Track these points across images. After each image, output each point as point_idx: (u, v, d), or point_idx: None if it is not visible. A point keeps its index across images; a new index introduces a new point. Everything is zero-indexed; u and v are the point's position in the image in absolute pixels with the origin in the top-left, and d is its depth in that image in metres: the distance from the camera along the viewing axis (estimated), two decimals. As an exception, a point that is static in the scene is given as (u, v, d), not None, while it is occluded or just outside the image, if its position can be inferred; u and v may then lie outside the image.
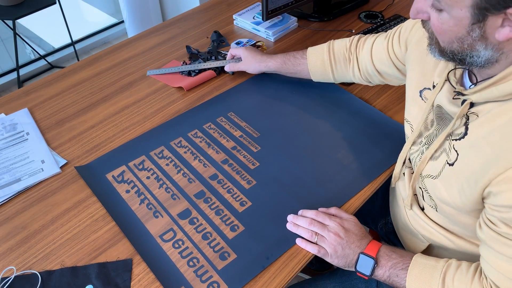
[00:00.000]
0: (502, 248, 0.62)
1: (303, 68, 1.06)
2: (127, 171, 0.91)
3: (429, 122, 0.77)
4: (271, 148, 0.96)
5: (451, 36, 0.60)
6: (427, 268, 0.71)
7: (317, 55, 1.03)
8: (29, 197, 0.86)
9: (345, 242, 0.76)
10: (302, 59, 1.06)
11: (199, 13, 1.47)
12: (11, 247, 0.78)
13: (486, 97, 0.62)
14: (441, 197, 0.71)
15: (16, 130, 1.00)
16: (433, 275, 0.70)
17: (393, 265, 0.74)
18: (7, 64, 2.53)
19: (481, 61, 0.60)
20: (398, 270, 0.73)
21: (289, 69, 1.08)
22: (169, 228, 0.80)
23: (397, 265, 0.73)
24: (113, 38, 2.84)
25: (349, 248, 0.76)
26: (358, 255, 0.75)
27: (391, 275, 0.74)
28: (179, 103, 1.09)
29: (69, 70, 1.20)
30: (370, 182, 0.89)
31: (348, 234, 0.77)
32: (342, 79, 1.05)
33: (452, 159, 0.68)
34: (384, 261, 0.74)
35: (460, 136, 0.67)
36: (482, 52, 0.59)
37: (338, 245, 0.76)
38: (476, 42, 0.58)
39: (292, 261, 0.76)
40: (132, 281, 0.73)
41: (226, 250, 0.77)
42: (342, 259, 0.76)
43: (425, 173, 0.75)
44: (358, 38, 1.01)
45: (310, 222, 0.79)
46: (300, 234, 0.79)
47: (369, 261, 0.74)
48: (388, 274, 0.74)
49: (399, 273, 0.73)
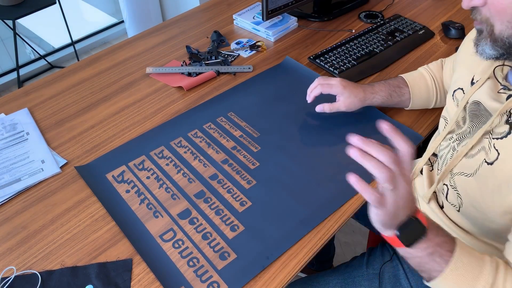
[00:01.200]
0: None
1: (407, 97, 0.99)
2: (127, 171, 0.91)
3: (460, 120, 0.75)
4: (271, 148, 0.96)
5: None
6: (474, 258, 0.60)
7: (420, 82, 0.98)
8: (29, 197, 0.86)
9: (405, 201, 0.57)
10: (406, 88, 0.98)
11: (199, 13, 1.47)
12: (11, 247, 0.78)
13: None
14: (473, 195, 0.68)
15: (16, 130, 1.00)
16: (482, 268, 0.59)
17: (440, 243, 0.59)
18: (7, 64, 2.53)
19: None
20: (445, 251, 0.59)
21: (393, 101, 0.99)
22: (169, 228, 0.80)
23: (444, 245, 0.59)
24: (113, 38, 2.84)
25: (404, 206, 0.58)
26: (408, 218, 0.58)
27: (435, 253, 0.59)
28: (179, 103, 1.09)
29: (69, 70, 1.20)
30: (370, 182, 0.89)
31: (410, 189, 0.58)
32: (441, 105, 0.99)
33: (492, 158, 0.65)
34: (432, 235, 0.59)
35: (503, 135, 0.64)
36: None
37: (401, 199, 0.56)
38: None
39: (292, 261, 0.76)
40: (132, 281, 0.73)
41: (226, 250, 0.77)
42: (394, 218, 0.58)
43: (458, 170, 0.72)
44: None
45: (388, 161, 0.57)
46: (371, 171, 0.58)
47: (419, 228, 0.58)
48: (431, 250, 0.59)
49: (444, 254, 0.59)
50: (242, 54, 1.26)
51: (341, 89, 0.95)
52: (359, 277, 0.90)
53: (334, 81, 0.97)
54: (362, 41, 1.26)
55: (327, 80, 0.98)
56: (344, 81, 0.97)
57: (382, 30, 1.31)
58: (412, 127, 1.00)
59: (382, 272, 0.89)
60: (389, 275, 0.88)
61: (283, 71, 1.18)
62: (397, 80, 1.00)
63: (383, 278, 0.88)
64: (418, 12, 1.43)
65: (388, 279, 0.88)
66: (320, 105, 0.99)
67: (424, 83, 0.99)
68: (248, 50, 1.27)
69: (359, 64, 1.18)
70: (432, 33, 1.31)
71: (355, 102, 0.96)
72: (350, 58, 1.19)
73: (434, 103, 1.00)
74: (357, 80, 1.14)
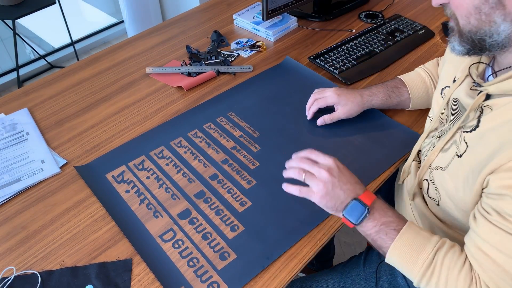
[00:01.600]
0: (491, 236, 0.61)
1: (406, 97, 0.98)
2: (127, 171, 0.91)
3: (444, 118, 0.77)
4: (271, 148, 0.96)
5: (469, 6, 0.59)
6: (420, 237, 0.67)
7: (418, 81, 0.98)
8: (29, 197, 0.86)
9: (337, 181, 0.69)
10: (404, 87, 0.98)
11: (199, 13, 1.47)
12: (11, 247, 0.78)
13: (503, 89, 0.61)
14: (447, 188, 0.71)
15: (16, 130, 1.00)
16: (423, 247, 0.66)
17: (387, 222, 0.68)
18: (7, 64, 2.53)
19: (501, 38, 0.59)
20: (390, 229, 0.67)
21: (392, 102, 0.98)
22: (169, 228, 0.80)
23: (390, 224, 0.68)
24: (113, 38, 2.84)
25: (341, 188, 0.69)
26: (351, 200, 0.69)
27: (380, 231, 0.68)
28: (179, 103, 1.09)
29: (69, 70, 1.20)
30: (370, 182, 0.89)
31: (342, 174, 0.70)
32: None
33: (462, 150, 0.67)
34: (378, 215, 0.68)
35: (471, 129, 0.66)
36: (502, 26, 0.58)
37: (328, 182, 0.69)
38: (494, 10, 0.57)
39: (292, 261, 0.76)
40: (132, 281, 0.73)
41: (226, 250, 0.77)
42: (331, 200, 0.69)
43: (435, 164, 0.74)
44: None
45: (300, 159, 0.73)
46: (288, 176, 0.73)
47: (361, 208, 0.68)
48: (377, 229, 0.68)
49: (390, 232, 0.67)
50: (242, 54, 1.26)
51: (336, 98, 0.96)
52: (356, 276, 0.91)
53: (328, 92, 0.97)
54: (362, 41, 1.26)
55: (321, 93, 0.99)
56: (339, 89, 0.98)
57: (382, 30, 1.31)
58: (412, 127, 1.00)
59: (379, 270, 0.90)
60: (386, 273, 0.89)
61: (283, 71, 1.18)
62: (394, 81, 1.00)
63: (380, 276, 0.89)
64: (418, 12, 1.43)
65: (384, 277, 0.88)
66: (320, 119, 0.99)
67: (422, 81, 0.99)
68: (248, 50, 1.27)
69: (359, 64, 1.18)
70: (432, 33, 1.31)
71: (353, 107, 0.96)
72: (350, 58, 1.19)
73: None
74: (357, 80, 1.14)
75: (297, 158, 0.74)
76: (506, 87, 0.61)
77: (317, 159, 0.72)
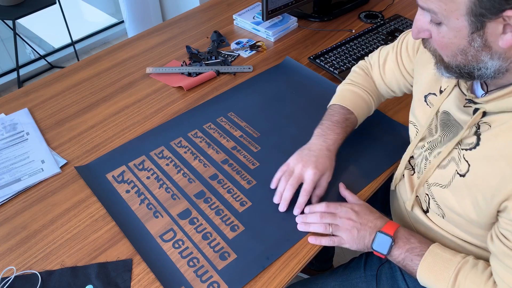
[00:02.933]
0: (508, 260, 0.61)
1: (355, 122, 0.92)
2: (127, 171, 0.91)
3: (433, 128, 0.76)
4: (271, 148, 0.96)
5: (453, 49, 0.59)
6: (442, 260, 0.70)
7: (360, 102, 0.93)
8: (29, 197, 0.86)
9: (359, 224, 0.76)
10: (351, 115, 0.91)
11: (199, 13, 1.47)
12: (11, 247, 0.78)
13: (501, 107, 0.60)
14: (452, 207, 0.70)
15: (16, 130, 1.00)
16: (447, 268, 0.69)
17: (410, 249, 0.73)
18: (7, 64, 2.53)
19: (490, 72, 0.58)
20: (414, 255, 0.72)
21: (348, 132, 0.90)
22: (169, 228, 0.80)
23: (414, 250, 0.73)
24: (113, 38, 2.84)
25: (364, 229, 0.76)
26: (375, 234, 0.75)
27: (406, 259, 0.73)
28: (179, 103, 1.09)
29: (69, 70, 1.20)
30: (370, 183, 0.89)
31: (360, 216, 0.77)
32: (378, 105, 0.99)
33: (463, 169, 0.66)
34: (402, 243, 0.74)
35: (471, 146, 0.65)
36: (489, 62, 0.57)
37: (353, 228, 0.76)
38: (480, 52, 0.57)
39: (292, 261, 0.76)
40: (132, 281, 0.73)
41: (226, 250, 0.77)
42: (360, 242, 0.76)
43: (432, 181, 0.73)
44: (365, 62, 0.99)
45: (321, 215, 0.79)
46: (314, 231, 0.79)
47: (386, 239, 0.74)
48: (403, 256, 0.73)
49: (414, 258, 0.72)
50: (242, 54, 1.26)
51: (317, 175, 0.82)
52: (357, 279, 0.91)
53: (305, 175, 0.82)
54: (362, 41, 1.26)
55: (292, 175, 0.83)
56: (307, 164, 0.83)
57: (382, 30, 1.31)
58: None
59: (380, 273, 0.89)
60: (387, 276, 0.88)
61: (283, 71, 1.18)
62: (342, 113, 0.91)
63: (381, 279, 0.89)
64: (418, 12, 1.43)
65: (385, 280, 0.88)
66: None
67: (362, 101, 0.93)
68: (248, 50, 1.27)
69: (359, 64, 1.18)
70: (432, 33, 1.31)
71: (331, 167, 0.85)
72: (350, 58, 1.19)
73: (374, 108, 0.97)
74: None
75: (316, 214, 0.80)
76: (504, 105, 0.60)
77: (335, 211, 0.79)
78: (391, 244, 0.73)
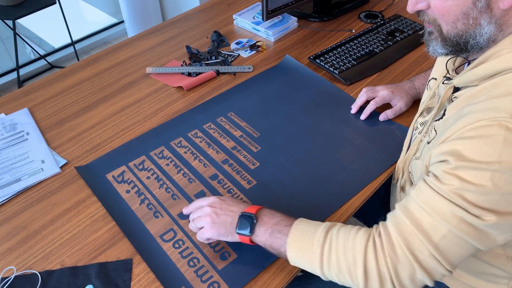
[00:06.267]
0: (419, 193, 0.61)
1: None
2: (127, 171, 0.91)
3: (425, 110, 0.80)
4: (271, 148, 0.96)
5: (456, 13, 0.60)
6: (312, 224, 0.68)
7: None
8: (29, 197, 0.86)
9: (219, 209, 0.72)
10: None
11: (199, 13, 1.47)
12: (11, 247, 0.78)
13: (464, 81, 0.64)
14: (421, 175, 0.71)
15: (16, 130, 1.00)
16: (317, 228, 0.66)
17: (277, 222, 0.69)
18: (7, 64, 2.53)
19: (484, 40, 0.60)
20: (282, 226, 0.68)
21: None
22: (169, 228, 0.80)
23: (281, 222, 0.69)
24: (113, 38, 2.84)
25: (226, 214, 0.72)
26: (238, 217, 0.71)
27: (274, 231, 0.68)
28: (179, 103, 1.09)
29: (69, 70, 1.20)
30: (370, 182, 0.89)
31: (222, 203, 0.73)
32: None
33: (431, 137, 0.70)
34: (266, 219, 0.70)
35: (439, 117, 0.69)
36: (486, 28, 0.59)
37: (212, 213, 0.72)
38: (482, 14, 0.58)
39: (292, 261, 0.76)
40: (132, 281, 0.73)
41: (227, 250, 0.77)
42: (221, 227, 0.71)
43: (413, 155, 0.77)
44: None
45: (189, 211, 0.77)
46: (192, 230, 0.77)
47: (248, 218, 0.70)
48: (270, 231, 0.69)
49: (283, 229, 0.68)
50: (242, 54, 1.26)
51: (391, 95, 1.00)
52: None
53: (382, 91, 1.01)
54: (362, 41, 1.26)
55: (374, 92, 1.01)
56: (390, 86, 1.02)
57: (382, 30, 1.31)
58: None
59: None
60: None
61: (283, 71, 1.18)
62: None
63: None
64: (418, 12, 1.43)
65: None
66: (383, 114, 1.01)
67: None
68: (248, 50, 1.27)
69: (359, 64, 1.18)
70: (432, 33, 1.31)
71: (410, 99, 1.01)
72: (350, 58, 1.19)
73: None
74: (357, 80, 1.14)
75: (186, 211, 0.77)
76: (465, 79, 0.63)
77: (198, 203, 0.75)
78: (253, 221, 0.69)
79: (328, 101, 1.08)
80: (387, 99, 1.01)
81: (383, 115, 1.01)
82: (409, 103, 1.01)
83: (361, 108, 1.03)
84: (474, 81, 0.62)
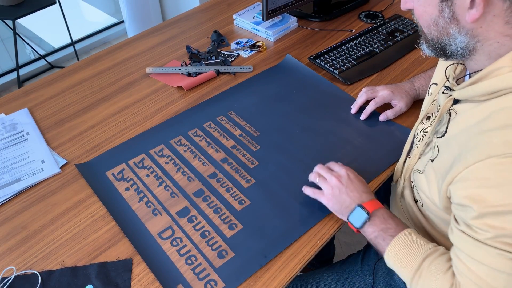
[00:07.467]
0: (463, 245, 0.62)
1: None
2: (127, 169, 0.91)
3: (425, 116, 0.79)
4: (271, 148, 0.96)
5: (427, 19, 0.62)
6: (413, 244, 0.69)
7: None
8: (29, 197, 0.87)
9: (344, 188, 0.77)
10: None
11: (199, 13, 1.47)
12: (11, 247, 0.78)
13: (465, 95, 0.63)
14: (425, 191, 0.73)
15: (16, 130, 1.01)
16: (416, 252, 0.68)
17: (385, 229, 0.72)
18: (7, 64, 2.54)
19: (459, 49, 0.61)
20: (388, 235, 0.72)
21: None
22: (167, 226, 0.80)
23: (388, 230, 0.72)
24: (113, 38, 2.84)
25: (347, 194, 0.76)
26: (355, 206, 0.75)
27: (379, 237, 0.72)
28: (179, 103, 1.09)
29: (69, 70, 1.20)
30: (370, 182, 0.89)
31: (350, 182, 0.78)
32: None
33: (434, 155, 0.70)
34: (378, 221, 0.73)
35: (442, 134, 0.69)
36: (458, 38, 0.60)
37: (336, 188, 0.77)
38: (449, 24, 0.59)
39: (292, 261, 0.76)
40: (132, 281, 0.73)
41: (224, 248, 0.77)
42: (337, 204, 0.77)
43: (416, 167, 0.77)
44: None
45: (319, 167, 0.83)
46: (309, 179, 0.83)
47: (363, 215, 0.74)
48: (376, 234, 0.73)
49: (387, 238, 0.71)
50: (242, 54, 1.26)
51: (392, 95, 1.00)
52: (354, 274, 0.91)
53: (382, 91, 1.01)
54: (362, 41, 1.26)
55: (374, 92, 1.01)
56: (389, 86, 1.02)
57: (382, 30, 1.31)
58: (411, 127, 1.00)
59: (376, 268, 0.90)
60: (383, 271, 0.89)
61: (283, 71, 1.18)
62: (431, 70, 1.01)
63: (377, 274, 0.89)
64: (418, 12, 1.43)
65: (382, 275, 0.89)
66: (383, 115, 1.01)
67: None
68: (248, 50, 1.27)
69: (359, 64, 1.18)
70: (432, 33, 1.31)
71: (410, 99, 1.01)
72: (350, 58, 1.19)
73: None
74: (357, 80, 1.14)
75: (318, 165, 0.83)
76: (465, 94, 0.63)
77: (333, 168, 0.82)
78: (365, 220, 0.73)
79: (328, 101, 1.08)
80: (387, 99, 1.01)
81: (383, 115, 1.01)
82: (409, 104, 1.01)
83: (361, 108, 1.03)
84: (474, 97, 0.62)
